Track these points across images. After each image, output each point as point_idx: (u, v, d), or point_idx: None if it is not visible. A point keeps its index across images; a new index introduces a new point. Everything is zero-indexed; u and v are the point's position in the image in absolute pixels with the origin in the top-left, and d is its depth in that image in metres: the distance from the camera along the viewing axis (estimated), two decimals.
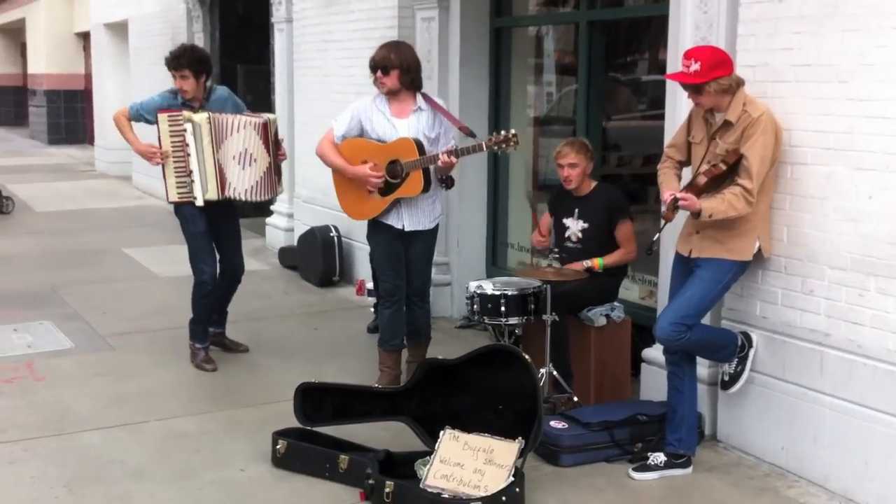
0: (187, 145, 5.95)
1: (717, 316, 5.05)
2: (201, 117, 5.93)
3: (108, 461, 4.85)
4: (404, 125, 5.52)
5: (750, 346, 4.81)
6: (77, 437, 5.16)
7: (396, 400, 4.91)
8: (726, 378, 4.88)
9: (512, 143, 5.21)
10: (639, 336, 5.80)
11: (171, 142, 6.00)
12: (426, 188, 5.47)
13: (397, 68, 5.48)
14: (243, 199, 6.08)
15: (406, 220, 5.61)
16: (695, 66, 4.46)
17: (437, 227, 5.79)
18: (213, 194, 6.01)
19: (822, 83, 4.46)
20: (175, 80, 6.00)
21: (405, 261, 5.74)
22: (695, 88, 4.52)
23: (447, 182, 5.69)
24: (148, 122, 6.14)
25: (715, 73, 4.44)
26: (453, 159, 5.33)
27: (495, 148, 5.26)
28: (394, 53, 5.52)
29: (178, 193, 6.06)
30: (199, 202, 6.03)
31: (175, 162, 6.01)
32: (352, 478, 4.51)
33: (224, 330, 6.69)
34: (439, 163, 5.34)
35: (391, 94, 5.56)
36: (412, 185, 5.47)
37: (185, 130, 5.94)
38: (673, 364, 4.79)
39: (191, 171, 5.98)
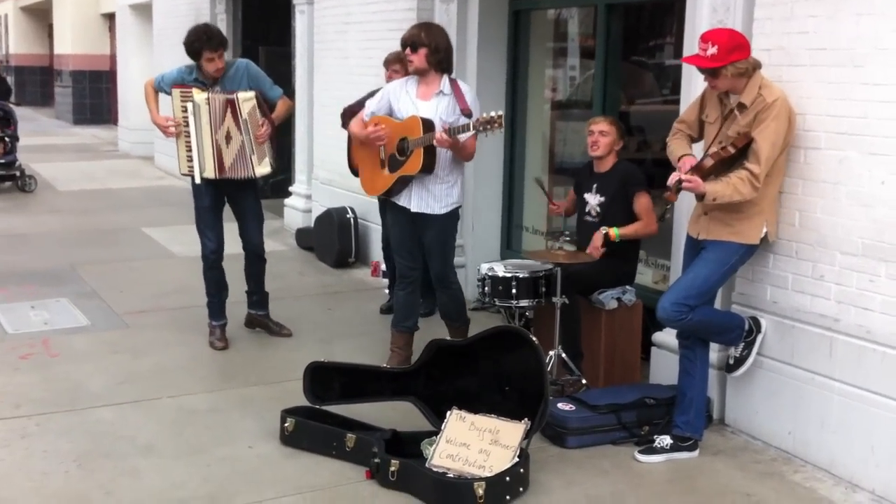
0: (188, 124, 6.06)
1: (727, 300, 5.04)
2: (201, 98, 6.00)
3: (118, 437, 4.90)
4: (425, 107, 5.52)
5: (758, 330, 4.79)
6: (89, 413, 5.21)
7: (404, 380, 4.94)
8: (731, 361, 4.87)
9: (496, 125, 5.14)
10: (650, 320, 5.78)
11: (182, 116, 6.10)
12: (427, 167, 5.44)
13: (426, 47, 5.48)
14: (229, 176, 6.14)
15: (414, 202, 5.59)
16: (712, 50, 4.43)
17: (452, 213, 5.67)
18: (210, 173, 6.12)
19: (837, 67, 4.43)
20: (206, 62, 6.00)
21: (424, 248, 5.75)
22: (711, 72, 4.48)
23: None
24: (166, 93, 6.25)
25: (732, 56, 4.41)
26: (447, 137, 5.27)
27: (481, 129, 5.19)
28: (424, 32, 5.54)
29: (188, 167, 6.20)
30: (197, 179, 6.17)
31: (185, 137, 6.13)
32: (358, 456, 4.54)
33: (266, 312, 6.71)
34: (435, 141, 5.32)
35: (419, 74, 5.57)
36: (413, 163, 5.46)
37: (186, 109, 6.04)
38: (685, 347, 4.79)
39: (191, 149, 6.11)
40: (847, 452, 4.44)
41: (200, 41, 5.99)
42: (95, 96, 24.62)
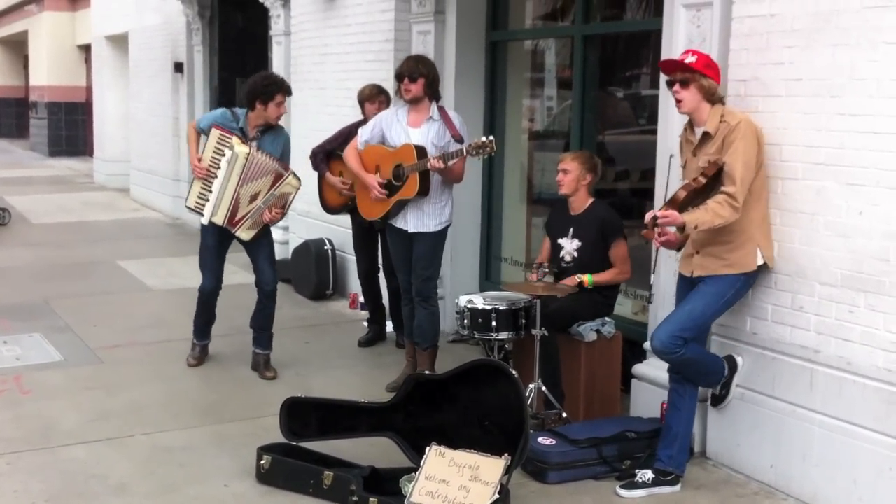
0: (219, 168, 6.15)
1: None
2: (242, 151, 6.11)
3: (90, 476, 4.81)
4: (416, 133, 5.85)
5: (734, 371, 4.79)
6: (61, 452, 5.11)
7: (383, 415, 4.87)
8: (709, 400, 4.93)
9: (489, 149, 5.48)
10: (630, 352, 5.75)
11: (212, 157, 6.20)
12: (423, 191, 5.74)
13: (424, 77, 5.82)
14: (245, 238, 6.32)
15: (410, 223, 5.88)
16: (691, 59, 4.55)
17: (443, 231, 5.97)
18: (219, 219, 6.25)
19: (814, 98, 4.44)
20: (275, 105, 6.20)
21: (412, 262, 6.02)
22: (683, 80, 4.52)
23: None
24: (205, 133, 6.33)
25: (707, 71, 4.51)
26: (440, 164, 5.58)
27: (474, 153, 5.52)
28: (421, 64, 5.91)
29: (196, 203, 6.31)
30: (204, 220, 6.31)
31: (210, 178, 6.22)
32: (336, 494, 4.47)
33: (266, 353, 6.56)
34: (429, 165, 5.60)
35: (413, 103, 5.87)
36: (410, 188, 5.77)
37: (223, 155, 6.13)
38: (675, 381, 4.75)
39: (211, 191, 6.21)
40: (829, 485, 4.40)
41: (276, 84, 6.24)
42: (71, 128, 24.52)
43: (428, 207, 5.86)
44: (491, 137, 5.50)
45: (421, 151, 5.72)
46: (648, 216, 4.44)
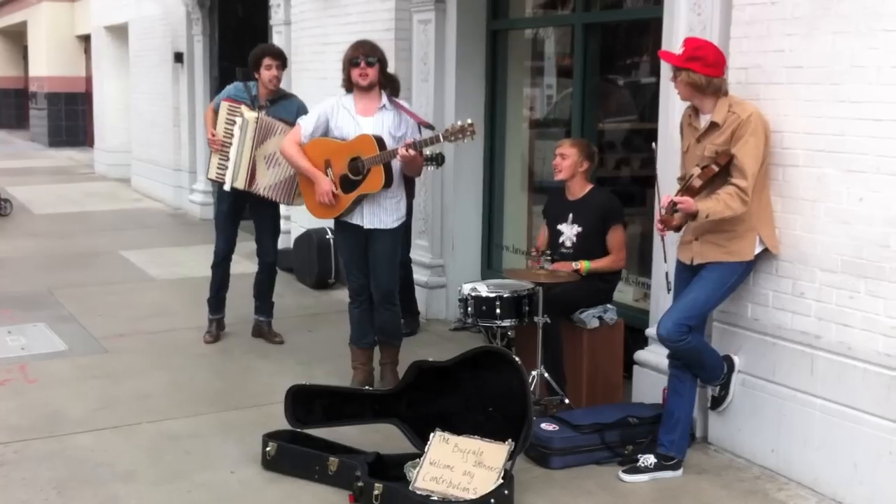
0: (233, 136, 6.47)
1: (709, 317, 5.03)
2: (251, 116, 6.43)
3: (98, 463, 4.85)
4: (369, 123, 5.54)
5: (731, 370, 4.84)
6: (68, 440, 5.15)
7: (387, 402, 4.90)
8: (709, 403, 4.98)
9: (468, 133, 5.21)
10: (632, 338, 5.78)
11: (224, 128, 6.54)
12: (387, 184, 5.48)
13: (381, 63, 5.62)
14: (262, 194, 6.54)
15: (366, 218, 5.61)
16: (680, 50, 4.57)
17: (400, 227, 5.78)
18: (240, 184, 6.52)
19: (814, 85, 4.46)
20: (265, 69, 6.56)
21: (370, 262, 5.74)
22: (674, 69, 4.58)
23: (437, 160, 5.96)
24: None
25: (689, 64, 4.50)
26: (412, 152, 5.30)
27: (452, 138, 5.26)
28: (377, 50, 5.65)
29: (216, 174, 6.63)
30: (227, 187, 6.58)
31: (224, 149, 6.56)
32: (341, 480, 4.50)
33: (268, 320, 7.05)
34: (398, 157, 5.36)
35: (367, 90, 5.57)
36: (373, 181, 5.46)
37: (234, 123, 6.46)
38: (676, 367, 4.79)
39: (229, 158, 6.52)
40: (830, 469, 4.44)
41: (262, 49, 6.67)
42: (71, 118, 24.50)
43: (384, 202, 5.58)
44: (470, 121, 5.21)
45: (381, 142, 5.41)
46: (665, 201, 4.46)
